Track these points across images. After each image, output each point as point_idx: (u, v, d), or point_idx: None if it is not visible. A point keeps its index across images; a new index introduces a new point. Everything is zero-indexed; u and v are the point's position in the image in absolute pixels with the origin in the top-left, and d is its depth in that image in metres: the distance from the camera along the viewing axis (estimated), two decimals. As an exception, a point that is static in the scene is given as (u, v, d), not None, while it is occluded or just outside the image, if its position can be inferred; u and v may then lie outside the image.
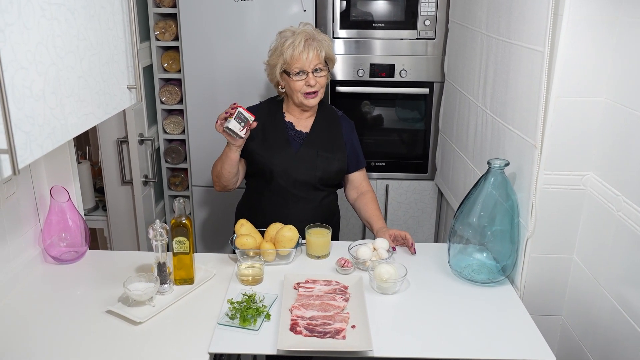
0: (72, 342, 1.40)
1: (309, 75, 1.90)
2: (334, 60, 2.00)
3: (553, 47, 1.48)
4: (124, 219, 2.76)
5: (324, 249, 1.82)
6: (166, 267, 1.61)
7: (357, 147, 2.09)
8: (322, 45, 1.92)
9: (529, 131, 1.60)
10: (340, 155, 2.01)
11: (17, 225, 1.65)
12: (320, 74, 1.92)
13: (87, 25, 1.33)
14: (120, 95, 1.54)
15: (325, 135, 2.02)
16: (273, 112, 2.04)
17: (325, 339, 1.40)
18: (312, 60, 1.89)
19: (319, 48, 1.91)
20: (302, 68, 1.89)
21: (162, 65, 2.77)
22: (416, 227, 2.97)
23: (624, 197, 1.40)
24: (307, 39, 1.90)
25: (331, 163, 1.99)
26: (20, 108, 1.07)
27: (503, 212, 1.65)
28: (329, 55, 1.96)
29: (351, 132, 2.08)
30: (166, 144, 2.92)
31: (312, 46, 1.89)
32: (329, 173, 2.00)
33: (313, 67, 1.90)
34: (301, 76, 1.90)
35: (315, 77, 1.91)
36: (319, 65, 1.91)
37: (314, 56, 1.89)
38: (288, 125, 2.02)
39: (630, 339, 1.38)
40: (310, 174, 1.98)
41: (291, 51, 1.88)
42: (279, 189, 1.99)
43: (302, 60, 1.88)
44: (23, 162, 1.07)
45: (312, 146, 1.99)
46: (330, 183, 2.04)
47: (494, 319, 1.53)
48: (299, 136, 2.01)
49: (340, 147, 2.03)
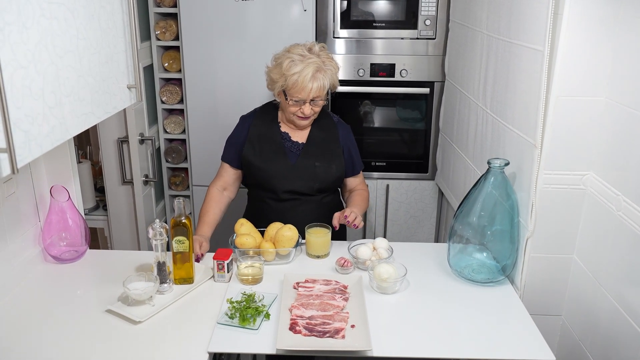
0: (71, 341, 1.40)
1: (305, 104, 1.88)
2: (336, 86, 1.95)
3: (553, 46, 1.47)
4: (125, 218, 2.77)
5: (323, 248, 1.82)
6: (166, 267, 1.61)
7: (353, 152, 2.07)
8: (328, 76, 1.87)
9: (529, 131, 1.60)
10: (337, 163, 2.00)
11: (17, 225, 1.65)
12: (317, 103, 1.90)
13: (86, 25, 1.33)
14: (120, 95, 1.54)
15: (322, 145, 2.00)
16: (268, 122, 2.02)
17: (324, 339, 1.40)
18: (314, 93, 1.86)
19: (324, 79, 1.86)
20: (302, 98, 1.87)
21: (162, 64, 2.77)
22: (416, 227, 2.97)
23: (624, 197, 1.40)
24: (316, 72, 1.85)
25: (329, 172, 1.98)
26: (19, 107, 1.07)
27: (503, 211, 1.65)
28: (333, 83, 1.92)
29: (347, 137, 2.06)
30: (167, 143, 2.92)
31: (318, 79, 1.84)
32: (327, 182, 1.99)
33: (312, 97, 1.87)
34: (298, 103, 1.88)
35: (311, 106, 1.89)
36: (319, 97, 1.88)
37: (317, 89, 1.85)
38: (284, 136, 2.00)
39: (630, 339, 1.37)
40: (308, 185, 1.97)
41: (295, 79, 1.83)
42: (278, 200, 1.99)
43: (304, 92, 1.84)
44: (22, 161, 1.08)
45: (310, 157, 1.98)
46: (328, 191, 2.03)
47: (494, 318, 1.53)
48: (296, 147, 1.99)
49: (337, 155, 2.01)
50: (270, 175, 1.96)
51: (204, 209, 1.98)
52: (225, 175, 2.05)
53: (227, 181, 2.05)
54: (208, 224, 1.95)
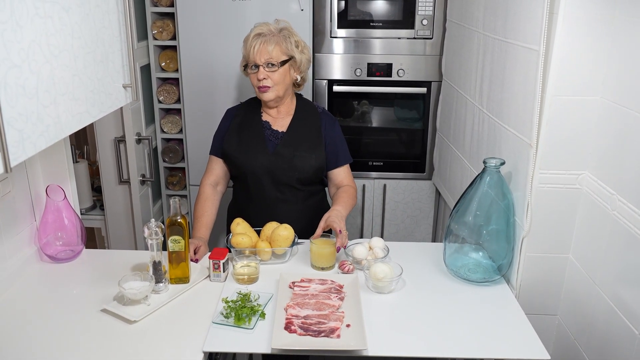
0: (67, 341, 1.40)
1: (259, 69, 1.90)
2: (297, 59, 1.95)
3: (548, 46, 1.48)
4: (122, 218, 2.76)
5: (329, 260, 1.75)
6: (161, 266, 1.61)
7: (338, 144, 2.04)
8: (280, 41, 1.90)
9: (525, 130, 1.60)
10: (318, 153, 1.98)
11: (12, 224, 1.65)
12: (271, 69, 1.90)
13: (81, 24, 1.33)
14: (116, 94, 1.54)
15: (303, 134, 1.99)
16: (250, 112, 2.04)
17: (319, 338, 1.40)
18: (262, 54, 1.88)
19: (271, 42, 1.89)
20: (254, 62, 1.90)
21: (159, 64, 2.77)
22: (413, 227, 2.97)
23: (619, 196, 1.40)
24: (260, 33, 1.91)
25: (308, 162, 1.96)
26: (12, 106, 1.06)
27: (499, 211, 1.65)
28: (289, 52, 1.92)
29: (332, 127, 2.03)
30: (164, 143, 2.91)
31: (263, 40, 1.89)
32: (307, 173, 1.97)
33: (264, 61, 1.89)
34: (253, 70, 1.91)
35: (266, 71, 1.90)
36: (270, 60, 1.89)
37: (264, 50, 1.88)
38: (264, 124, 2.01)
39: (626, 338, 1.38)
40: (288, 175, 1.96)
41: (245, 44, 1.93)
42: (260, 191, 1.98)
43: (252, 53, 1.90)
44: (16, 160, 1.07)
45: (289, 146, 1.97)
46: (309, 182, 2.00)
47: (490, 318, 1.53)
48: (275, 136, 1.99)
49: (318, 145, 1.99)
50: (249, 164, 1.95)
51: (201, 210, 1.97)
52: (215, 168, 2.04)
53: (219, 175, 2.04)
54: (206, 226, 1.94)
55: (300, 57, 1.96)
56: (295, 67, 1.97)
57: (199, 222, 1.94)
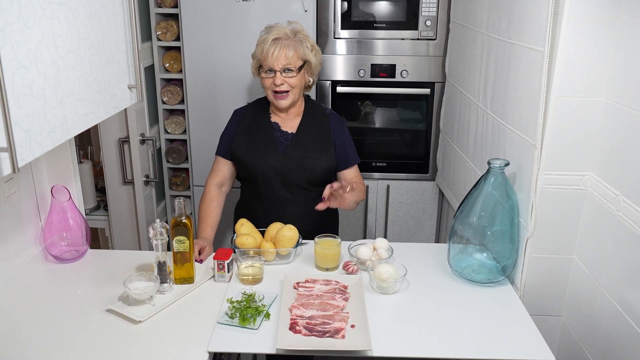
0: (72, 341, 1.40)
1: (276, 74, 1.88)
2: (312, 63, 1.95)
3: (553, 47, 1.48)
4: (125, 218, 2.77)
5: (333, 261, 1.75)
6: (166, 267, 1.61)
7: (347, 145, 2.04)
8: (297, 46, 1.89)
9: (529, 131, 1.60)
10: (328, 154, 1.98)
11: (18, 224, 1.66)
12: (289, 74, 1.89)
13: (87, 25, 1.34)
14: (121, 95, 1.55)
15: (313, 135, 2.00)
16: (259, 113, 2.03)
17: (324, 339, 1.40)
18: (280, 60, 1.87)
19: (290, 48, 1.88)
20: (270, 66, 1.88)
21: (163, 65, 2.78)
22: (417, 228, 2.97)
23: (624, 197, 1.40)
24: (278, 37, 1.88)
25: (319, 163, 1.97)
26: (20, 107, 1.07)
27: (503, 212, 1.65)
28: (305, 56, 1.92)
29: (340, 128, 2.04)
30: (167, 144, 2.92)
31: (282, 45, 1.87)
32: (317, 174, 1.97)
33: (282, 66, 1.88)
34: (269, 74, 1.90)
35: (283, 77, 1.89)
36: (288, 65, 1.88)
37: (282, 56, 1.87)
38: (274, 126, 2.00)
39: (631, 339, 1.37)
40: (298, 176, 1.96)
41: (262, 48, 1.89)
42: (270, 192, 1.98)
43: (269, 58, 1.87)
44: (23, 160, 1.08)
45: (299, 147, 1.97)
46: (319, 183, 2.00)
47: (494, 319, 1.53)
48: (285, 137, 1.99)
49: (328, 146, 1.99)
50: (259, 166, 1.95)
51: (206, 210, 1.97)
52: (221, 169, 2.04)
53: (224, 176, 2.05)
54: (211, 226, 1.95)
55: (315, 61, 1.97)
56: (309, 70, 1.97)
57: (204, 223, 1.94)
